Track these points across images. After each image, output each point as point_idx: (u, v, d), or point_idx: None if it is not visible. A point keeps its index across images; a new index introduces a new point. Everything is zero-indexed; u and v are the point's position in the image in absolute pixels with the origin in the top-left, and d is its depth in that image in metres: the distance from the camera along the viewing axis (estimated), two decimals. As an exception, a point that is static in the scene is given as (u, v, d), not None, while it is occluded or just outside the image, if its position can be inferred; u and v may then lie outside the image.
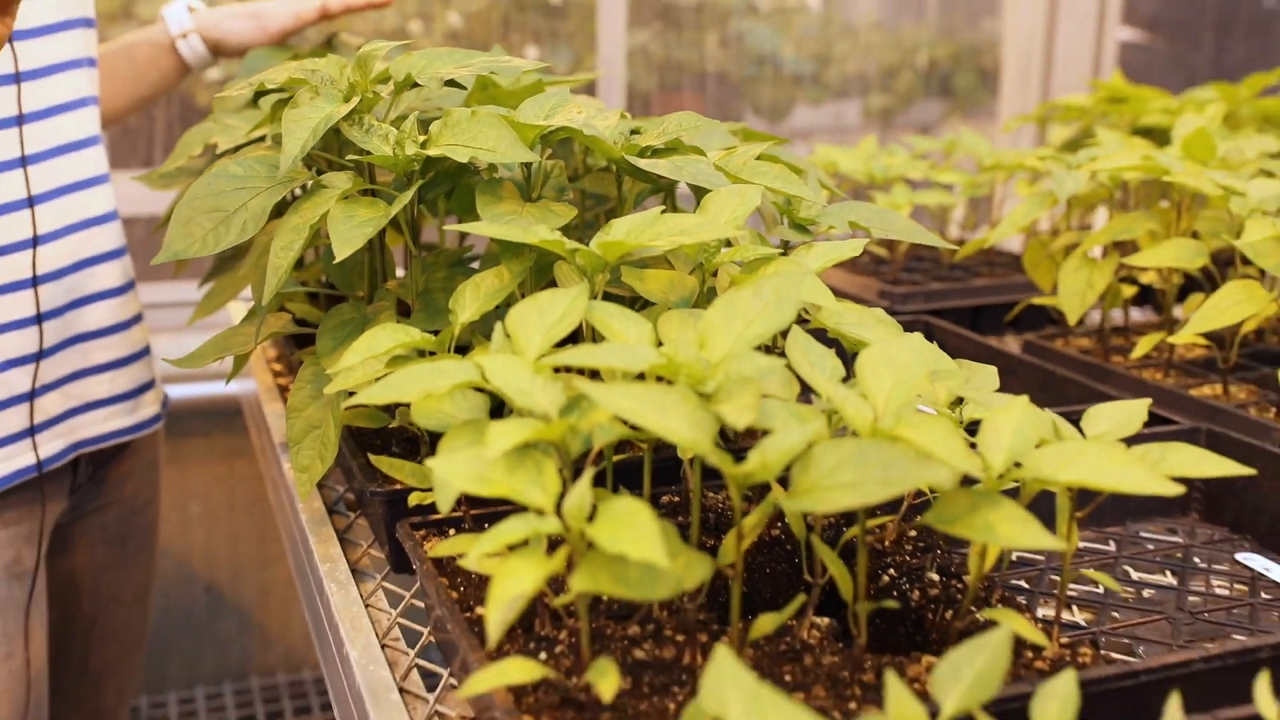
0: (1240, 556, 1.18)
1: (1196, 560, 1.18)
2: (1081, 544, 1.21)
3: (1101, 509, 1.24)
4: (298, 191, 1.18)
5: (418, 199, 1.14)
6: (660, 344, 0.86)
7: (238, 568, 2.52)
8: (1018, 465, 0.78)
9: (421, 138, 1.09)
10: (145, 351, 1.54)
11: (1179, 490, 0.73)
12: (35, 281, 1.35)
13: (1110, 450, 0.77)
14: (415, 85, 1.17)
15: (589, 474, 0.73)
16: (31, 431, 1.38)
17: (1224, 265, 1.54)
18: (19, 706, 1.40)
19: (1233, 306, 1.30)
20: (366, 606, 1.08)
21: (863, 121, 3.64)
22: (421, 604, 1.08)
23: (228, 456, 2.46)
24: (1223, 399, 1.38)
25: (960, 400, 0.94)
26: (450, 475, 0.73)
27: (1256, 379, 1.44)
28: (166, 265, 1.51)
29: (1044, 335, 1.66)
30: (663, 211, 0.99)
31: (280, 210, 1.14)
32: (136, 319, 1.51)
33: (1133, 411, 0.89)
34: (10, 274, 1.33)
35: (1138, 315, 1.85)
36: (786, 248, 1.13)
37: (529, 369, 0.80)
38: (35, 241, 1.35)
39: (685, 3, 3.36)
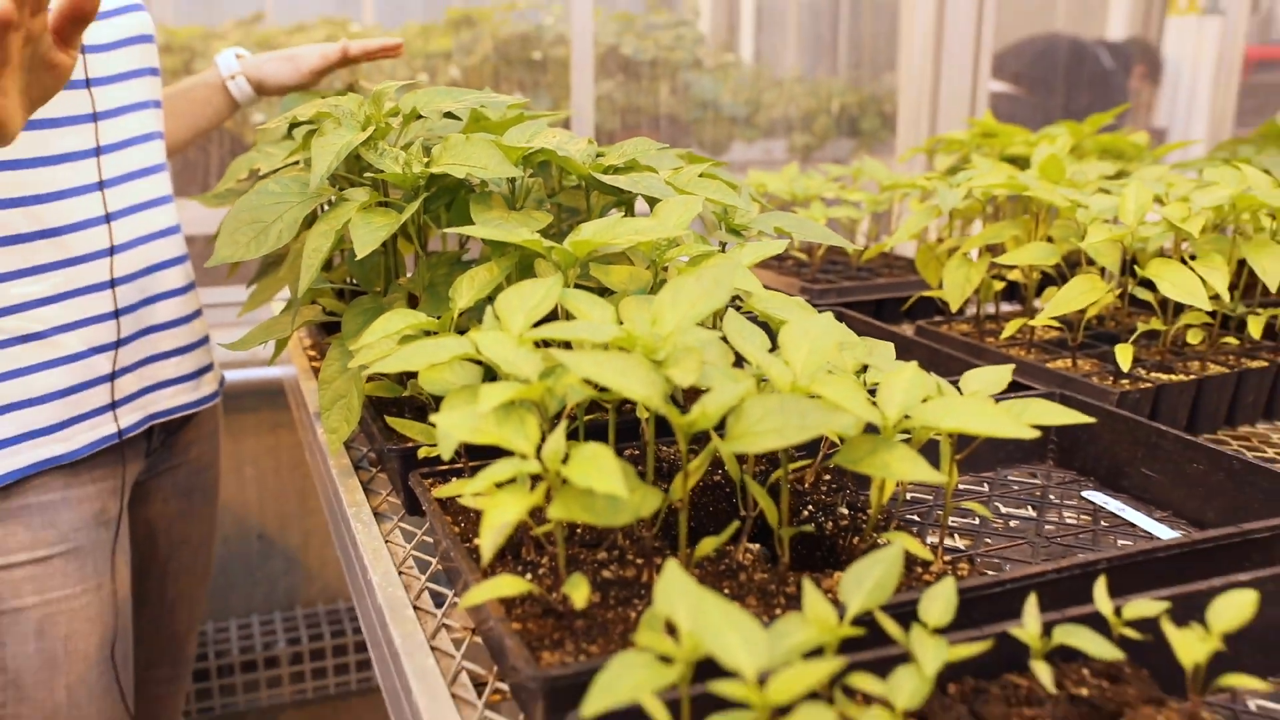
0: (1085, 494, 1.19)
1: (1051, 497, 1.19)
2: (961, 485, 1.21)
3: (976, 456, 1.25)
4: (325, 206, 1.17)
5: (423, 209, 1.13)
6: (620, 322, 0.86)
7: (283, 519, 2.51)
8: (909, 417, 0.78)
9: (425, 159, 1.09)
10: (204, 340, 1.53)
11: (1036, 434, 0.73)
12: (113, 283, 1.34)
13: (982, 403, 0.77)
14: (420, 117, 1.16)
15: (564, 425, 0.73)
16: (113, 406, 1.37)
17: (1073, 266, 1.55)
18: (109, 628, 1.39)
19: (1078, 295, 1.31)
20: (386, 542, 1.08)
21: (788, 156, 3.66)
22: (431, 540, 1.08)
23: (274, 429, 2.44)
24: (1072, 370, 1.39)
25: (864, 368, 0.94)
26: (450, 427, 0.73)
27: (1098, 354, 1.45)
28: (221, 270, 1.51)
29: (932, 322, 1.67)
30: (622, 217, 0.99)
31: (311, 221, 1.13)
32: (196, 313, 1.50)
33: (1000, 375, 0.90)
34: (92, 277, 1.32)
35: (1006, 306, 1.86)
36: (724, 247, 1.13)
37: (514, 342, 0.80)
38: (112, 251, 1.34)
39: (642, 59, 3.39)
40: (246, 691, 2.42)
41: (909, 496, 1.17)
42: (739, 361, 0.88)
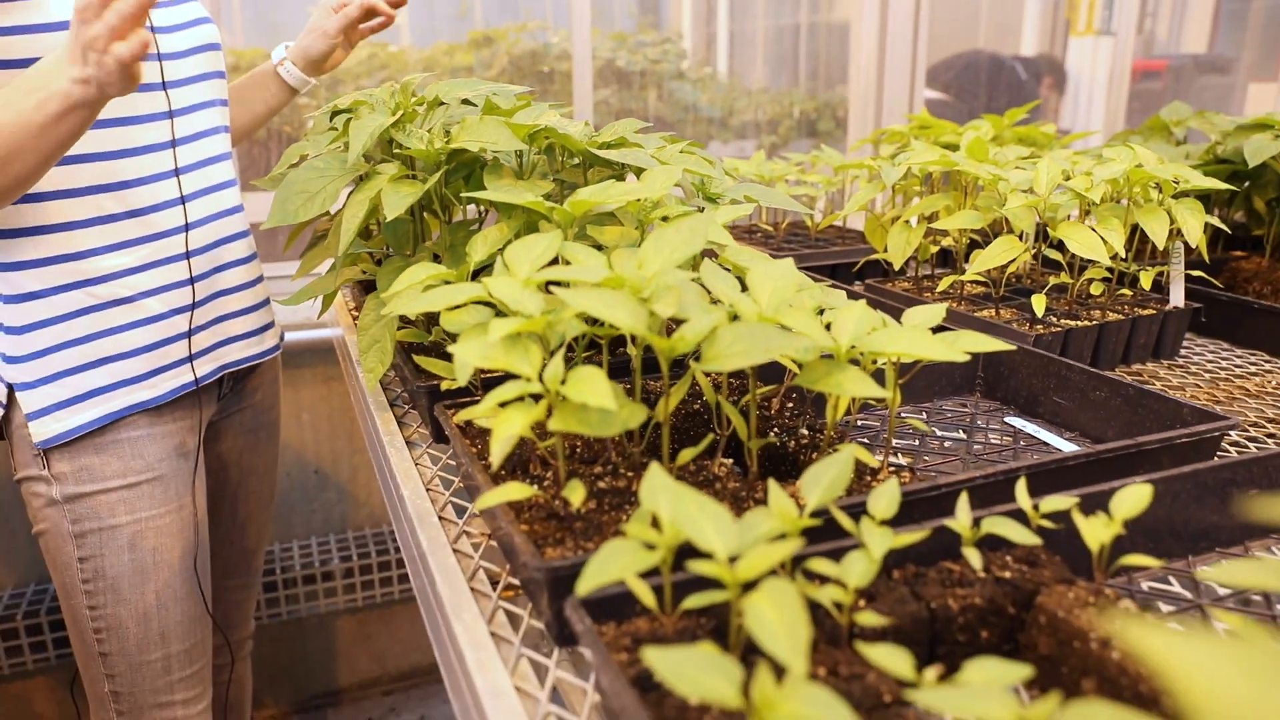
0: (1008, 419, 1.17)
1: (979, 422, 1.16)
2: (903, 413, 1.19)
3: (915, 387, 1.23)
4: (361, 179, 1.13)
5: (444, 182, 1.09)
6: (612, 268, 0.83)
7: (335, 456, 2.48)
8: (858, 346, 0.76)
9: (446, 137, 1.05)
10: (265, 302, 1.49)
11: (967, 358, 0.71)
12: (188, 255, 1.31)
13: (922, 333, 0.74)
14: (442, 104, 1.12)
15: (561, 351, 0.70)
16: (190, 358, 1.34)
17: (996, 233, 1.51)
18: (190, 543, 1.37)
19: (1000, 254, 1.28)
20: (415, 465, 1.05)
21: (756, 154, 3.66)
22: (454, 463, 1.05)
23: (327, 380, 2.41)
24: (995, 318, 1.36)
25: (821, 311, 0.91)
26: (466, 355, 0.70)
27: (1017, 306, 1.42)
28: (279, 247, 1.47)
29: (879, 281, 1.63)
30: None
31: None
32: (258, 279, 1.46)
33: (934, 312, 0.87)
34: (171, 250, 1.29)
35: (941, 269, 1.83)
36: (701, 210, 1.10)
37: (519, 285, 0.77)
38: (187, 227, 1.30)
39: (634, 70, 3.38)
40: (307, 601, 2.39)
41: (859, 423, 1.14)
42: (714, 302, 0.85)
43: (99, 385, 1.26)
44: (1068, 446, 1.07)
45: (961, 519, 0.67)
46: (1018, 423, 1.15)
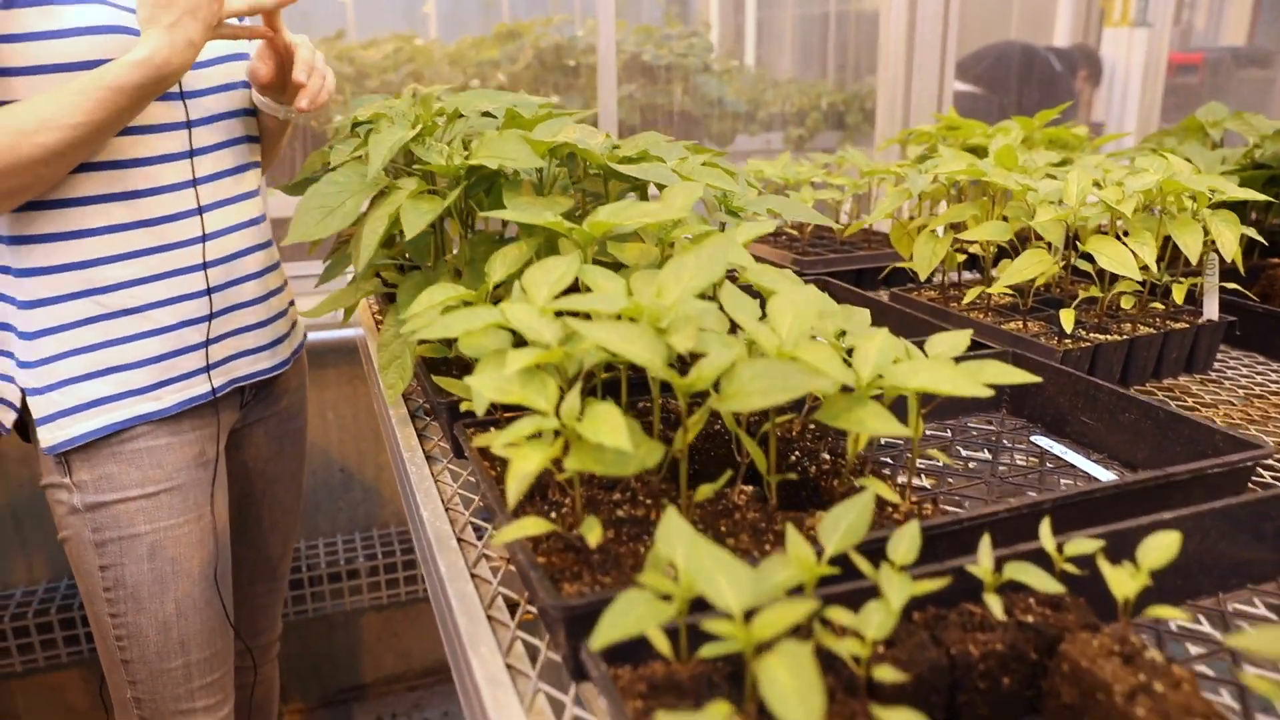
0: (1035, 438, 1.15)
1: (1005, 441, 1.15)
2: (927, 431, 1.17)
3: (940, 406, 1.21)
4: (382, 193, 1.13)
5: (465, 196, 1.09)
6: (631, 294, 0.82)
7: (361, 455, 2.49)
8: (881, 377, 0.74)
9: (465, 152, 1.04)
10: (283, 313, 1.48)
11: (990, 393, 0.69)
12: (205, 266, 1.30)
13: (945, 365, 0.73)
14: (461, 116, 1.12)
15: (578, 387, 0.69)
16: (208, 369, 1.34)
17: (1024, 240, 1.49)
18: (210, 552, 1.37)
19: (1029, 267, 1.26)
20: (435, 481, 1.05)
21: (784, 146, 3.63)
22: (474, 479, 1.05)
23: (351, 380, 2.42)
24: (1023, 331, 1.34)
25: (843, 333, 0.90)
26: (482, 388, 0.70)
27: (1045, 318, 1.40)
28: (304, 245, 1.46)
29: (904, 289, 1.61)
30: (634, 201, 0.94)
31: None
32: (276, 290, 1.45)
33: (960, 339, 0.85)
34: (187, 260, 1.29)
35: (967, 275, 1.81)
36: (723, 227, 1.09)
37: (537, 312, 0.76)
38: (204, 238, 1.30)
39: (659, 64, 3.36)
40: (333, 599, 2.41)
41: (883, 442, 1.13)
42: (734, 328, 0.84)
43: (104, 394, 1.26)
44: (1095, 469, 1.05)
45: (983, 563, 0.66)
46: (1045, 443, 1.13)
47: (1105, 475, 1.04)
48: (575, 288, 0.93)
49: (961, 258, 1.53)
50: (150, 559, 1.31)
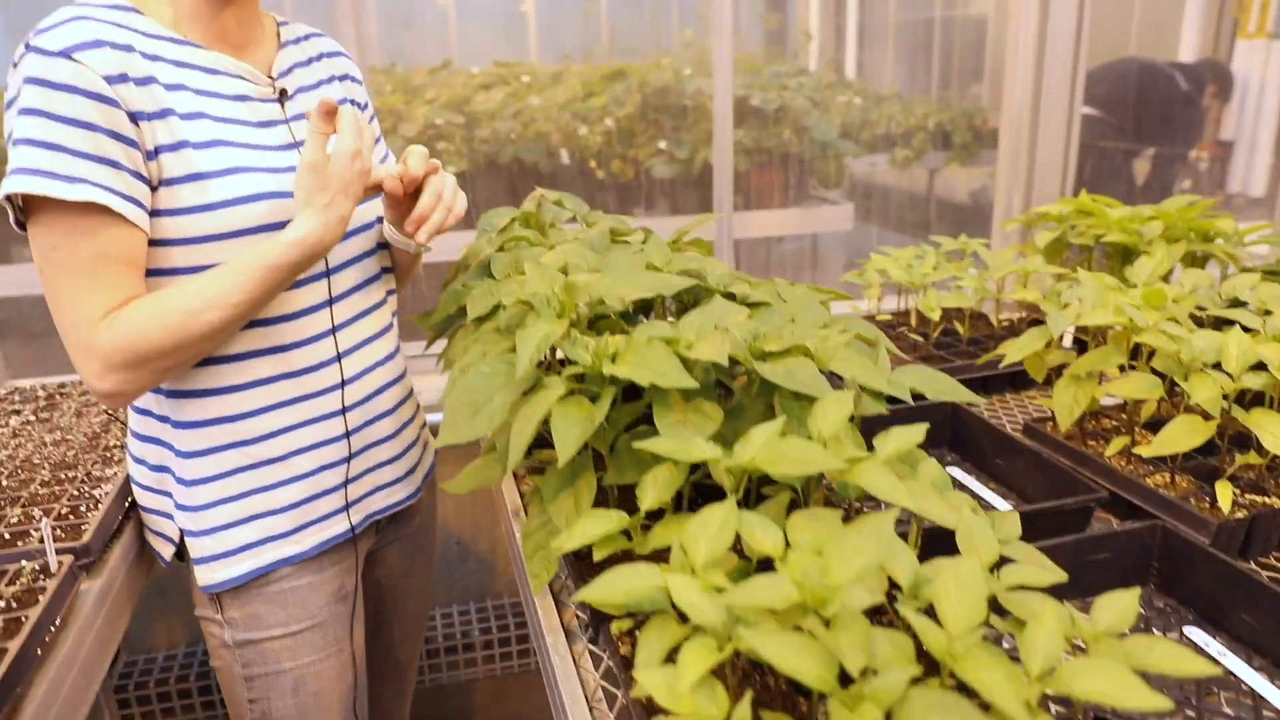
0: (1188, 630, 1.11)
1: (1155, 628, 1.11)
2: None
3: (1082, 579, 1.17)
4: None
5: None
6: (788, 544, 0.82)
7: (476, 529, 2.55)
8: (1048, 682, 0.73)
9: (611, 351, 1.05)
10: (415, 441, 1.52)
11: (1168, 705, 0.68)
12: (344, 410, 1.35)
13: (1113, 668, 0.71)
14: (602, 303, 1.13)
15: (749, 696, 0.70)
16: (346, 508, 1.39)
17: (1173, 384, 1.43)
18: (349, 684, 1.43)
19: (1183, 437, 1.21)
20: (577, 668, 1.06)
21: (889, 168, 3.59)
22: (614, 666, 1.06)
23: (470, 458, 2.47)
24: (1170, 489, 1.30)
25: (1000, 560, 0.89)
26: (652, 688, 0.71)
27: (1192, 469, 1.35)
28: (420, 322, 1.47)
29: (1037, 421, 1.57)
30: (784, 437, 0.94)
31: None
32: (409, 421, 1.49)
33: (1128, 600, 0.82)
34: (327, 407, 1.33)
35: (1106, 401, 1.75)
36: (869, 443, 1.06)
37: (699, 589, 0.77)
38: (343, 384, 1.34)
39: (769, 108, 3.34)
40: (449, 670, 2.48)
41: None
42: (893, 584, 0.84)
43: (250, 540, 1.32)
44: (1259, 682, 1.02)
45: None
46: (1199, 638, 1.09)
47: (1271, 691, 1.00)
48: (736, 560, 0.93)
49: (1102, 395, 1.49)
50: (294, 694, 1.37)
